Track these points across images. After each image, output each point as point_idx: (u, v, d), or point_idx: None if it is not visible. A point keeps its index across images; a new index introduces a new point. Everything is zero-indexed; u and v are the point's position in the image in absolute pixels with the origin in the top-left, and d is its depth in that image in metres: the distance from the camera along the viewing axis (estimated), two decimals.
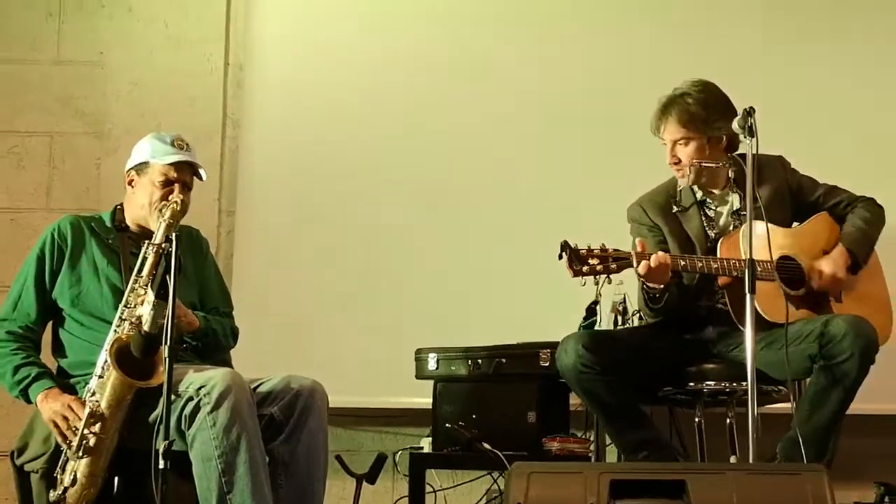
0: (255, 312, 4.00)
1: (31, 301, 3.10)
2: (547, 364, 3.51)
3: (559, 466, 2.71)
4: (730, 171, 3.39)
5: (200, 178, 3.19)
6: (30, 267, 3.11)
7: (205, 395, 2.83)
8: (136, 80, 4.45)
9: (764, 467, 2.70)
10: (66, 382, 3.04)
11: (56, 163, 4.45)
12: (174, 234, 2.73)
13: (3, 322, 3.09)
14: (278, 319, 4.19)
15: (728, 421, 3.36)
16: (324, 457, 3.06)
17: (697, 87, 3.38)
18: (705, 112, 3.35)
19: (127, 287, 2.97)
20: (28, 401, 3.01)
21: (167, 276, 2.67)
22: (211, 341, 3.15)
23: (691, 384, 3.35)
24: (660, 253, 3.16)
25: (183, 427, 2.84)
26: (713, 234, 3.43)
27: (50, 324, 3.17)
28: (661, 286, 3.23)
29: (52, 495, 2.89)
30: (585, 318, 3.56)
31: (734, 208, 3.45)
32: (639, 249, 3.12)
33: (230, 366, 3.20)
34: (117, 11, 4.52)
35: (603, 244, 3.05)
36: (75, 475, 2.89)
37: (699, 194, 3.49)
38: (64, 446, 2.88)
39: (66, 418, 2.92)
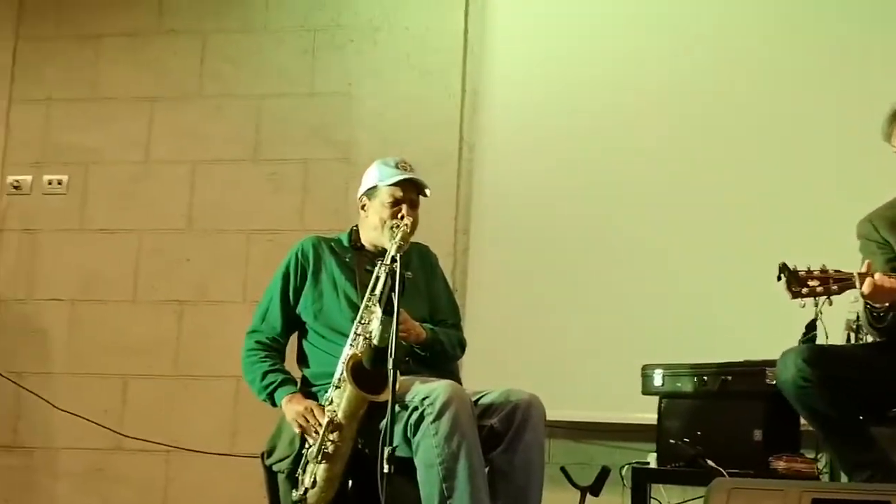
0: (486, 326, 4.07)
1: (278, 314, 3.25)
2: (773, 382, 3.38)
3: (761, 483, 2.65)
4: None
5: (425, 195, 3.24)
6: (276, 283, 3.25)
7: (428, 406, 2.90)
8: (381, 108, 4.62)
9: None
10: (308, 391, 3.16)
11: (309, 187, 4.69)
12: (399, 254, 2.84)
13: (253, 333, 3.25)
14: (509, 334, 4.21)
15: None
16: (540, 467, 3.09)
17: None
18: None
19: (362, 304, 3.07)
20: (273, 404, 3.14)
21: (392, 294, 2.77)
22: (438, 352, 3.20)
23: None
24: (879, 274, 3.05)
25: (409, 435, 2.92)
26: None
27: (294, 336, 3.31)
28: (886, 305, 3.10)
29: (295, 495, 3.01)
30: (805, 335, 3.50)
31: None
32: (863, 270, 3.01)
33: (457, 377, 3.25)
34: (365, 46, 4.71)
35: (823, 265, 2.97)
36: (315, 478, 3.00)
37: None
38: (308, 442, 3.00)
39: (307, 420, 3.04)
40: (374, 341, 2.83)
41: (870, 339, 3.38)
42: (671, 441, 3.54)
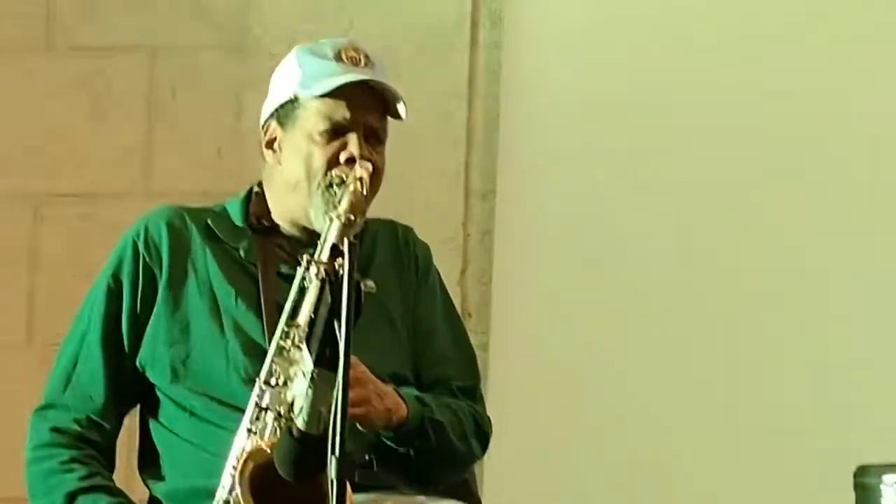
0: (522, 380, 3.37)
1: (97, 371, 2.33)
2: None
3: None
4: None
5: (397, 117, 2.33)
6: (94, 309, 2.34)
7: None
8: None
9: None
10: None
11: (161, 108, 3.61)
12: (349, 241, 2.00)
13: (45, 411, 2.35)
14: (569, 405, 3.45)
15: None
16: None
17: None
18: None
19: (272, 343, 2.17)
20: None
21: (336, 322, 1.98)
22: (432, 445, 2.31)
23: None
24: None
25: None
26: None
27: (131, 415, 2.42)
28: None
29: None
30: None
31: None
32: None
33: (476, 497, 2.45)
34: None
35: None
36: None
37: None
38: None
39: None
40: (299, 423, 2.04)
41: None
42: None
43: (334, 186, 2.18)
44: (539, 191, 3.57)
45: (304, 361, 2.00)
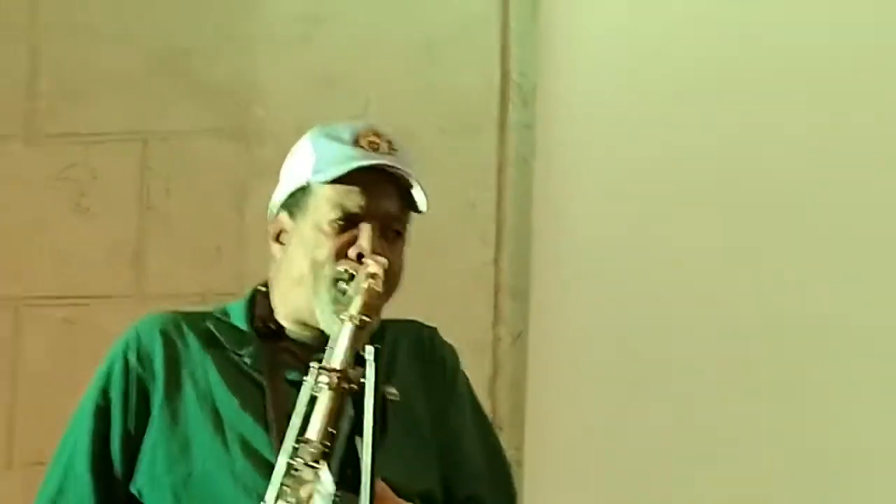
0: (558, 493, 3.19)
1: (85, 500, 2.18)
2: None
3: None
4: None
5: (416, 210, 2.20)
6: (81, 429, 2.20)
7: None
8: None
9: None
10: None
11: (154, 200, 3.53)
12: (365, 345, 1.93)
13: None
14: None
15: None
16: None
17: None
18: None
19: (280, 461, 2.01)
20: None
21: (358, 438, 1.90)
22: None
23: None
24: None
25: None
26: None
27: None
28: None
29: None
30: None
31: None
32: None
33: None
34: None
35: None
36: None
37: None
38: None
39: None
40: None
41: None
42: None
43: (342, 282, 2.02)
44: (577, 288, 3.40)
45: (324, 483, 1.87)
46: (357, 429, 1.84)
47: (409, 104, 3.37)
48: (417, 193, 2.10)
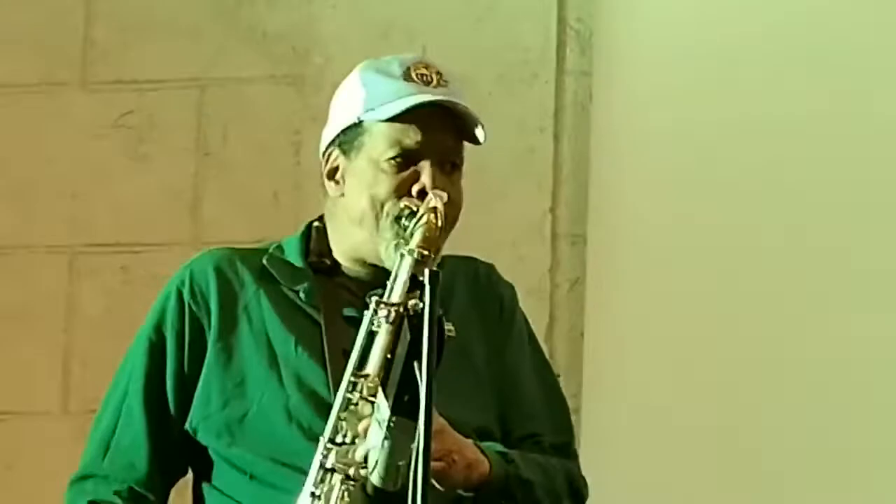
0: (618, 446, 3.16)
1: (139, 436, 2.15)
2: None
3: None
4: None
5: (477, 141, 2.15)
6: (134, 366, 2.17)
7: None
8: None
9: None
10: None
11: (209, 143, 3.53)
12: (427, 279, 1.87)
13: (83, 483, 2.15)
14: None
15: None
16: None
17: None
18: None
19: (338, 395, 1.98)
20: None
21: (417, 366, 1.82)
22: None
23: None
24: None
25: None
26: None
27: (182, 484, 2.25)
28: None
29: None
30: None
31: None
32: None
33: None
34: None
35: None
36: None
37: None
38: None
39: None
40: (374, 479, 1.88)
41: None
42: None
43: (404, 219, 2.01)
44: (634, 234, 3.38)
45: (380, 409, 1.87)
46: (415, 353, 1.81)
47: (466, 51, 3.32)
48: (474, 125, 2.07)
